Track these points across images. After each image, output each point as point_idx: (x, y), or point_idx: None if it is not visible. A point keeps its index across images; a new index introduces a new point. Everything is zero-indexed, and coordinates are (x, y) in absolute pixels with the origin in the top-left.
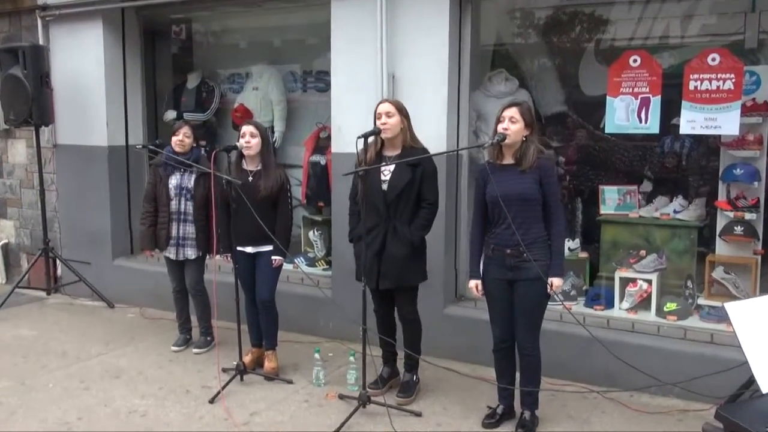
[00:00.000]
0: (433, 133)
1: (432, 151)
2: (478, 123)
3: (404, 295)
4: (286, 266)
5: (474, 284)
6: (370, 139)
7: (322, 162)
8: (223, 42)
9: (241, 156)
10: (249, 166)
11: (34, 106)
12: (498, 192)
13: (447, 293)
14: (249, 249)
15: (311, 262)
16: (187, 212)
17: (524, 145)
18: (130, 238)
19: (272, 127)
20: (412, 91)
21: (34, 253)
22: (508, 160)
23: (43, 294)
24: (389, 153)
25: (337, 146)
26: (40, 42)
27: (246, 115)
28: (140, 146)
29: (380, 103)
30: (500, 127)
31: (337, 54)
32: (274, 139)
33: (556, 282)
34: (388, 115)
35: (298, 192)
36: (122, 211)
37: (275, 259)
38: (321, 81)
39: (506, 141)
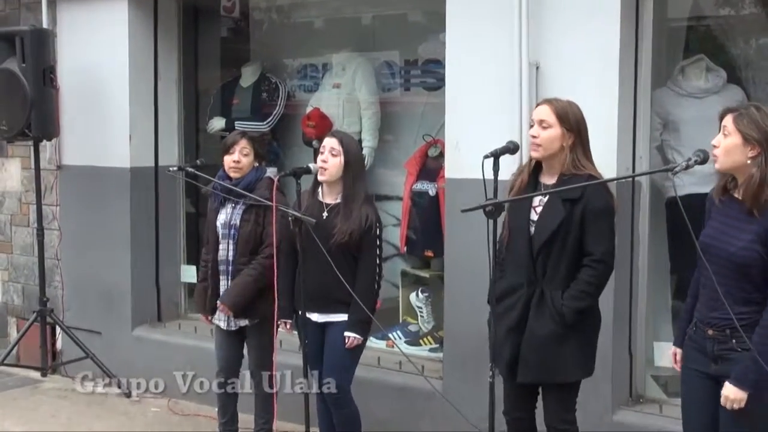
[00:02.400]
0: (598, 150)
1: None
2: (664, 135)
3: (554, 395)
4: (376, 344)
5: (673, 352)
6: (510, 159)
7: (432, 192)
8: (291, 21)
9: (318, 182)
10: (327, 197)
11: (34, 113)
12: (702, 241)
13: (618, 391)
14: (315, 317)
15: (413, 339)
16: (231, 261)
17: (754, 173)
18: (157, 299)
19: (359, 141)
20: (565, 88)
21: (27, 318)
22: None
23: (37, 375)
24: (547, 180)
25: (453, 169)
26: (44, 25)
27: (322, 125)
28: (175, 168)
29: (538, 105)
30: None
31: (455, 37)
32: None
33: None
34: (542, 125)
35: (395, 235)
36: (148, 259)
37: (349, 337)
38: (431, 75)
39: (717, 165)
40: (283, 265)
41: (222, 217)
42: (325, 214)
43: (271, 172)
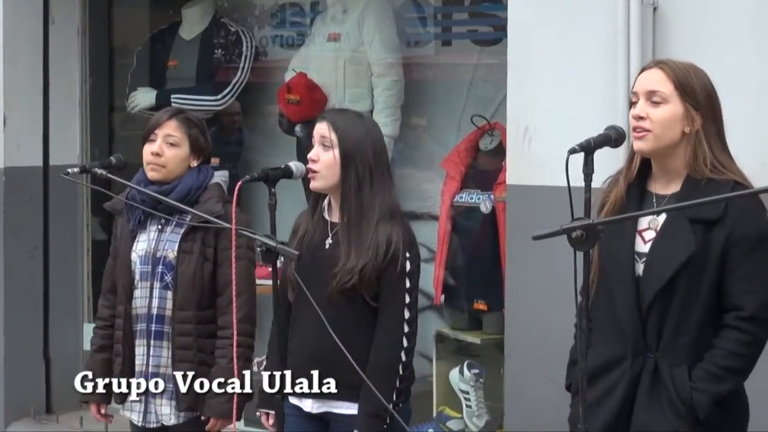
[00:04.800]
0: (743, 142)
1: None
2: None
3: None
4: None
5: None
6: (607, 154)
7: (485, 207)
8: None
9: (318, 193)
10: (334, 214)
11: None
12: None
13: None
14: (308, 405)
15: None
16: (163, 317)
17: None
18: (46, 378)
19: None
20: (697, 42)
21: None
22: None
23: None
24: (661, 189)
25: (520, 171)
26: None
27: (311, 100)
28: (76, 170)
29: (644, 69)
30: None
31: None
32: None
33: None
34: (652, 99)
35: (426, 277)
36: (30, 317)
37: None
38: (484, 19)
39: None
40: (275, 330)
41: (141, 247)
42: (328, 241)
43: (220, 176)
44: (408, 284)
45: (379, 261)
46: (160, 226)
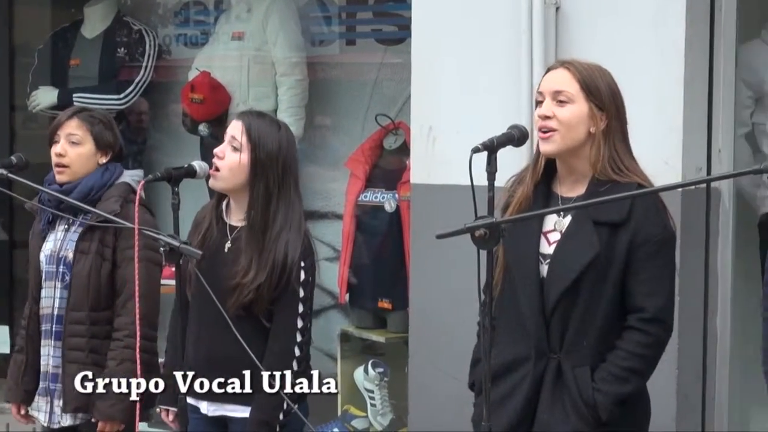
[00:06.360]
0: (648, 143)
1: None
2: (757, 116)
3: None
4: None
5: None
6: (509, 153)
7: (390, 206)
8: None
9: (220, 194)
10: (233, 217)
11: None
12: None
13: None
14: (204, 407)
15: None
16: (62, 317)
17: None
18: None
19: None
20: (599, 41)
21: None
22: None
23: None
24: (566, 191)
25: (424, 170)
26: None
27: (214, 99)
28: None
29: (550, 69)
30: None
31: None
32: None
33: None
34: (558, 98)
35: (331, 277)
36: None
37: None
38: (389, 19)
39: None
40: (173, 330)
41: (48, 247)
42: (228, 244)
43: (131, 175)
44: (302, 293)
45: (275, 279)
46: (66, 226)
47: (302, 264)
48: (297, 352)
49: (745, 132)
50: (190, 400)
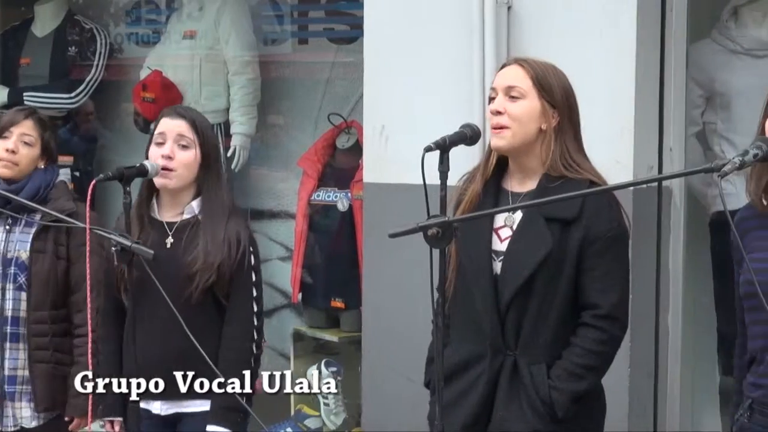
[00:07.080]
0: (600, 141)
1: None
2: (708, 115)
3: None
4: None
5: None
6: (462, 152)
7: (342, 205)
8: None
9: (152, 191)
10: (167, 214)
11: None
12: (757, 275)
13: None
14: (157, 407)
15: None
16: (18, 318)
17: None
18: None
19: (222, 126)
20: (551, 40)
21: None
22: None
23: None
24: (517, 187)
25: (376, 168)
26: None
27: (166, 98)
28: None
29: (503, 66)
30: None
31: None
32: (230, 153)
33: None
34: (510, 94)
35: (283, 276)
36: None
37: None
38: (341, 18)
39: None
40: (105, 332)
41: None
42: (169, 240)
43: (63, 174)
44: (254, 278)
45: (231, 258)
46: (7, 227)
47: (251, 249)
48: (255, 335)
49: (696, 131)
50: (141, 403)
